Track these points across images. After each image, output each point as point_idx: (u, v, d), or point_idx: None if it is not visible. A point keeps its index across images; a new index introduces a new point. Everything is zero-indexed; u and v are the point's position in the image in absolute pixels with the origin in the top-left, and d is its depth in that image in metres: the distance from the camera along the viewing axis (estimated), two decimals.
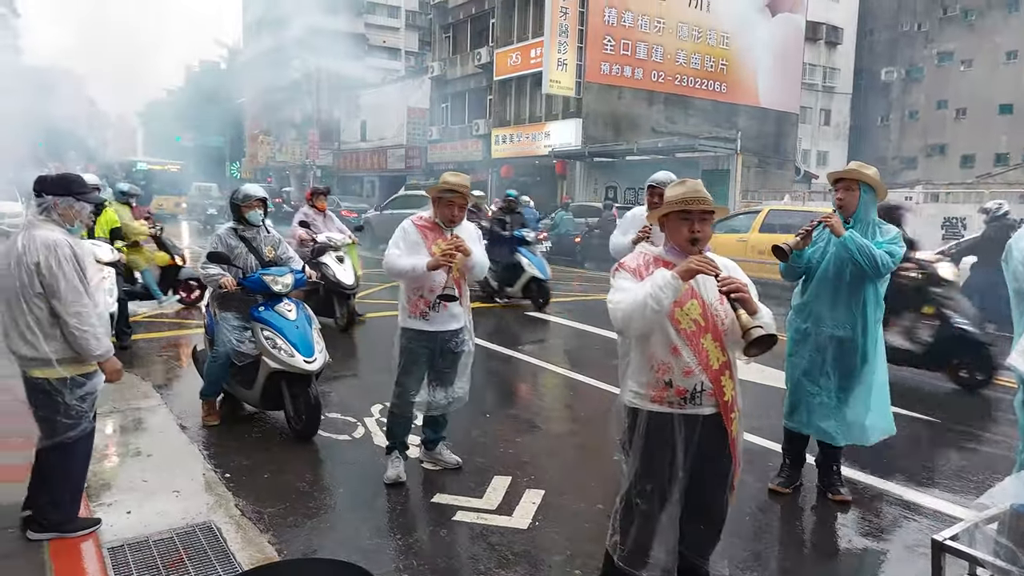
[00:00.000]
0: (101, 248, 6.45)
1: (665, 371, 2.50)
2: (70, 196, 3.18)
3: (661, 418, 2.52)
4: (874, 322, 3.89)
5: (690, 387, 2.50)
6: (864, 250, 3.70)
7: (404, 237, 3.99)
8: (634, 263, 2.58)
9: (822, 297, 3.93)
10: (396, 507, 3.91)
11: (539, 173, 27.80)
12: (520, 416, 5.55)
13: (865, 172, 3.85)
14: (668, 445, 2.50)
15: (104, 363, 3.24)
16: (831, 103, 39.63)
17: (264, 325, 4.71)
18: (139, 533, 3.40)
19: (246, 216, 4.92)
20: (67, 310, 3.07)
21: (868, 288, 3.85)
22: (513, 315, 10.16)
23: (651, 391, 2.53)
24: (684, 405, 2.51)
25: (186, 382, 6.01)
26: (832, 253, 3.87)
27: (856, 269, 3.77)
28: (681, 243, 2.52)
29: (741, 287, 2.39)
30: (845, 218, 3.88)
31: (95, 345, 3.14)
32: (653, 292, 2.36)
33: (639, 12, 26.68)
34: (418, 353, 4.03)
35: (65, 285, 3.07)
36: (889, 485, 4.33)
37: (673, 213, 2.51)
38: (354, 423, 5.14)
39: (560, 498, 3.99)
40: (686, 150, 21.82)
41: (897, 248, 3.77)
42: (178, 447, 4.54)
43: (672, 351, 2.49)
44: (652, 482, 2.52)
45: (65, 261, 3.08)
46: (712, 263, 2.42)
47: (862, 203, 3.84)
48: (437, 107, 33.65)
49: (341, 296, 8.22)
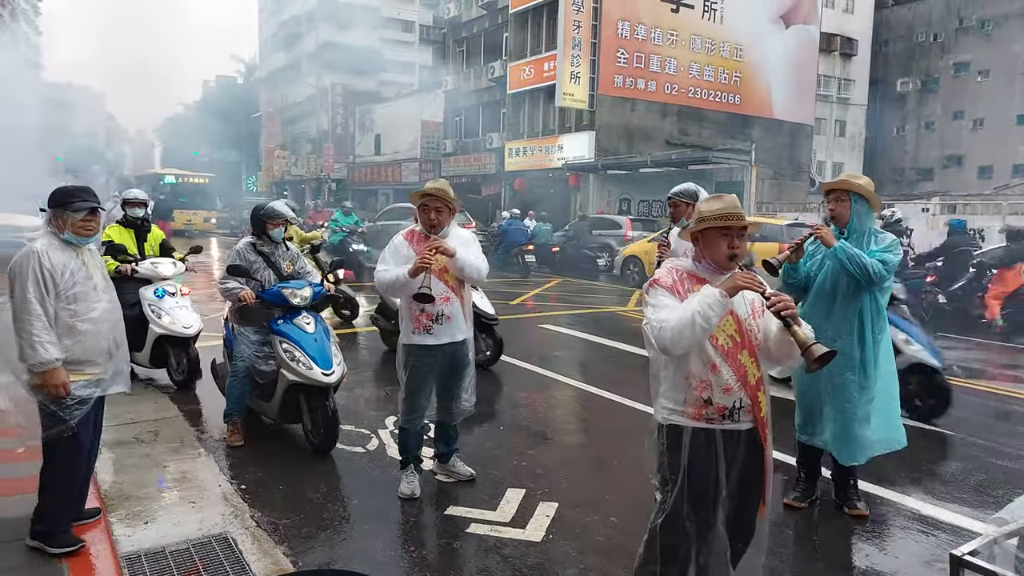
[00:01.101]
0: (162, 264, 6.29)
1: (704, 388, 2.47)
2: (59, 207, 3.25)
3: (705, 434, 2.49)
4: (874, 333, 3.83)
5: (729, 404, 2.48)
6: (855, 259, 3.69)
7: (394, 252, 4.01)
8: (669, 280, 2.52)
9: (818, 308, 3.92)
10: (410, 519, 3.91)
11: (552, 185, 27.86)
12: (533, 428, 5.54)
13: (855, 182, 3.84)
14: (712, 462, 2.48)
15: (44, 374, 3.15)
16: (846, 114, 39.45)
17: (283, 338, 4.75)
18: (156, 543, 3.43)
19: (269, 232, 4.96)
20: (13, 315, 3.13)
21: (864, 299, 3.81)
22: (524, 327, 10.16)
23: (689, 408, 2.49)
24: (723, 421, 2.49)
25: (204, 393, 6.06)
26: (828, 265, 3.87)
27: (851, 279, 3.76)
28: (720, 259, 2.49)
29: (790, 304, 2.38)
30: (840, 229, 3.88)
31: (30, 353, 3.11)
32: (701, 310, 2.33)
33: (652, 25, 26.77)
34: (424, 369, 4.04)
35: (19, 292, 3.12)
36: (906, 499, 4.28)
37: (711, 229, 2.48)
38: (368, 435, 5.16)
39: (574, 511, 3.98)
40: (700, 162, 21.81)
41: (891, 256, 3.73)
42: (195, 458, 4.57)
43: (711, 368, 2.47)
44: (699, 501, 2.48)
45: (29, 269, 3.13)
46: (758, 280, 2.41)
47: (854, 213, 3.83)
48: (451, 120, 33.87)
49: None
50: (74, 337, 3.23)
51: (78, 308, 3.24)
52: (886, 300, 3.91)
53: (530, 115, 28.93)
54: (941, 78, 39.15)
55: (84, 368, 3.28)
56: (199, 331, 6.19)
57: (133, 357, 6.20)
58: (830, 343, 3.81)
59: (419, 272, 3.73)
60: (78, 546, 3.31)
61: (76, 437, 3.30)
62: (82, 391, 3.28)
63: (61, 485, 3.32)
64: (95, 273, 3.37)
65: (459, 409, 4.23)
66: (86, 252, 3.37)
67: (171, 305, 6.12)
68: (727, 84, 28.96)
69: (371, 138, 40.55)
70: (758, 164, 21.95)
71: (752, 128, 29.25)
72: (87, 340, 3.27)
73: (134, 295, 6.02)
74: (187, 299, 6.33)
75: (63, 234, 3.27)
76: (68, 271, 3.23)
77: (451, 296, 4.00)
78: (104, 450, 4.62)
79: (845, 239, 3.83)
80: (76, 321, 3.24)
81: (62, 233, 3.27)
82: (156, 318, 6.01)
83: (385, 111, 40.01)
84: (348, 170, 41.75)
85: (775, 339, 2.49)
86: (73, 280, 3.24)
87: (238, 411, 4.97)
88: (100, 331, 3.33)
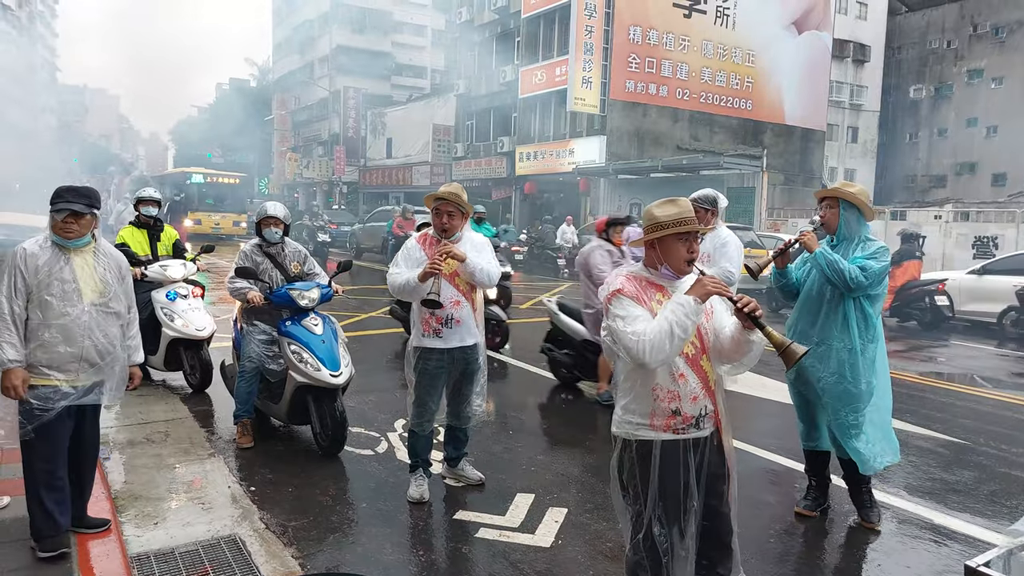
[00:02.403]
0: (171, 266, 6.21)
1: (672, 399, 2.44)
2: (50, 206, 3.22)
3: (674, 446, 2.46)
4: (862, 340, 3.77)
5: (697, 412, 2.46)
6: (833, 265, 3.67)
7: (406, 256, 4.02)
8: (632, 288, 2.44)
9: (804, 314, 3.92)
10: (419, 523, 3.91)
11: (563, 190, 27.86)
12: (543, 434, 5.53)
13: (847, 190, 3.83)
14: (681, 474, 2.45)
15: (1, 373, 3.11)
16: (858, 120, 39.25)
17: (291, 339, 4.77)
18: (165, 544, 3.44)
19: (263, 232, 4.99)
20: None
21: (849, 305, 3.76)
22: (534, 331, 10.15)
23: (657, 420, 2.45)
24: (689, 431, 2.47)
25: (214, 394, 6.08)
26: (815, 272, 3.86)
27: (835, 286, 3.73)
28: (679, 264, 2.47)
29: (757, 305, 2.36)
30: (831, 236, 3.87)
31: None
32: (679, 320, 2.30)
33: (664, 30, 26.75)
34: (434, 372, 4.03)
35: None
36: (919, 508, 4.24)
37: (669, 235, 2.44)
38: (377, 438, 5.17)
39: (583, 517, 3.97)
40: (711, 167, 21.76)
41: (873, 263, 3.68)
42: (204, 459, 4.59)
43: (679, 377, 2.44)
44: (670, 514, 2.45)
45: (6, 267, 3.11)
46: (724, 284, 2.41)
47: (843, 221, 3.82)
48: (462, 124, 33.95)
49: None
50: (37, 341, 3.14)
51: (45, 312, 3.14)
52: (877, 308, 3.85)
53: (541, 119, 28.95)
54: (955, 85, 38.88)
55: (49, 374, 3.17)
56: (212, 333, 6.20)
57: (148, 360, 6.24)
58: (815, 349, 3.80)
59: (429, 276, 3.73)
60: (59, 551, 3.21)
61: (46, 442, 3.19)
62: (44, 397, 3.16)
63: (32, 489, 3.23)
64: (83, 279, 3.23)
65: (469, 413, 4.23)
66: (81, 256, 3.25)
67: (184, 307, 6.10)
68: (739, 89, 28.89)
69: (383, 142, 40.70)
70: (769, 170, 21.89)
71: (764, 134, 29.17)
72: (53, 345, 3.16)
73: (146, 298, 6.04)
74: (200, 301, 6.32)
75: (57, 234, 3.20)
76: (44, 273, 3.14)
77: (462, 300, 4.00)
78: (115, 451, 4.66)
79: (834, 246, 3.83)
80: (41, 325, 3.14)
81: (57, 233, 3.20)
82: (169, 321, 6.01)
83: (397, 115, 40.14)
84: (359, 173, 41.92)
85: (731, 339, 2.46)
86: (48, 282, 3.15)
87: (247, 412, 4.98)
88: (71, 337, 3.19)
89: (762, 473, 4.81)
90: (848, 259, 3.72)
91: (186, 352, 6.16)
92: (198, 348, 6.12)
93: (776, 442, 5.39)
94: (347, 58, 47.70)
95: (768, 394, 6.75)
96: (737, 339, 2.44)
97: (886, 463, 3.90)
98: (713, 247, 4.95)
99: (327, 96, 45.06)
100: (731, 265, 4.89)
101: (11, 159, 18.72)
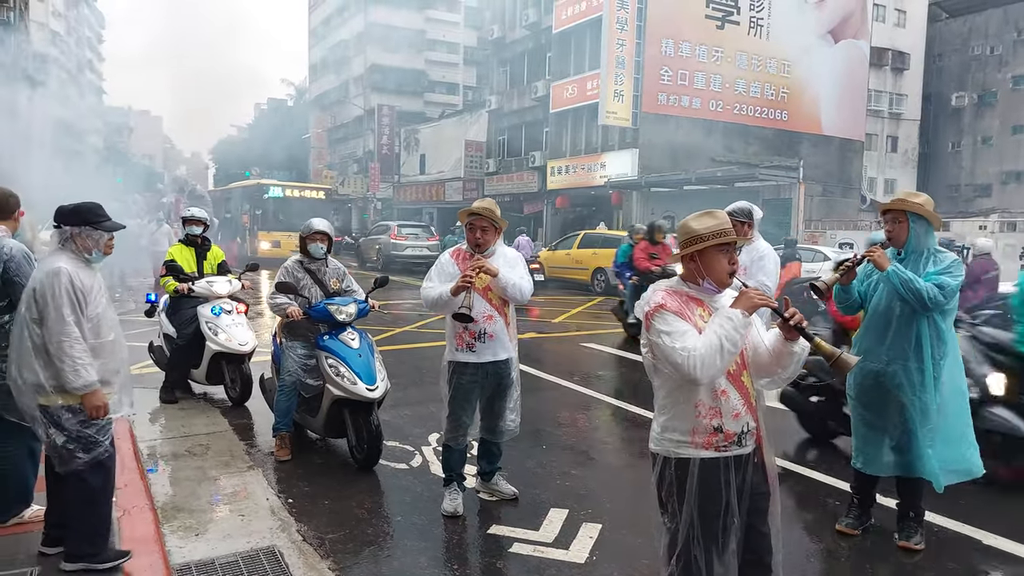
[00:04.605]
0: (217, 282, 6.36)
1: (714, 416, 2.40)
2: (87, 226, 3.19)
3: (715, 464, 2.42)
4: (933, 358, 3.65)
5: (739, 429, 2.43)
6: (908, 284, 3.53)
7: (439, 270, 4.06)
8: (675, 304, 2.40)
9: (871, 332, 3.80)
10: (453, 537, 3.92)
11: (595, 203, 27.83)
12: (576, 448, 5.50)
13: (913, 201, 3.68)
14: (722, 492, 2.41)
15: (84, 396, 3.13)
16: (898, 129, 38.51)
17: (328, 353, 4.84)
18: (206, 555, 3.51)
19: (308, 248, 5.09)
20: (49, 338, 3.06)
21: (922, 322, 3.64)
22: (567, 345, 10.13)
23: (698, 438, 2.41)
24: (731, 448, 2.43)
25: (253, 407, 6.20)
26: (882, 287, 3.74)
27: (906, 303, 3.61)
28: (720, 277, 2.43)
29: (803, 316, 2.34)
30: (898, 250, 3.75)
31: (72, 378, 3.07)
32: (728, 334, 2.27)
33: (696, 42, 26.65)
34: (468, 386, 4.05)
35: (53, 314, 3.05)
36: (968, 529, 4.11)
37: (709, 247, 2.41)
38: (412, 452, 5.20)
39: (618, 533, 3.94)
40: (746, 179, 21.53)
41: (949, 279, 3.55)
42: (244, 472, 4.68)
43: (720, 394, 2.40)
44: (709, 533, 2.41)
45: (59, 290, 3.06)
46: (770, 297, 2.39)
47: (913, 233, 3.68)
48: (494, 140, 34.19)
49: None
50: (98, 358, 3.19)
51: (101, 329, 3.22)
52: (949, 322, 3.71)
53: (573, 133, 29.01)
54: (999, 91, 37.94)
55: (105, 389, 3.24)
56: (254, 348, 6.33)
57: (191, 374, 6.39)
58: (883, 367, 3.71)
59: (461, 291, 3.76)
60: (128, 555, 3.35)
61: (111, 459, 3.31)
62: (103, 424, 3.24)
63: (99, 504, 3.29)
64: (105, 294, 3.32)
65: (503, 428, 4.24)
66: (98, 271, 3.33)
67: (227, 323, 6.25)
68: (774, 100, 28.60)
69: (416, 158, 41.17)
70: (806, 181, 21.58)
71: (800, 144, 28.79)
72: (107, 362, 3.24)
73: (192, 313, 6.22)
74: (243, 316, 6.48)
75: (90, 254, 3.22)
76: (93, 291, 3.20)
77: (494, 315, 4.02)
78: (161, 462, 4.78)
79: (902, 260, 3.70)
80: (97, 342, 3.20)
81: (89, 253, 3.22)
82: (213, 335, 6.16)
83: (430, 131, 40.61)
84: (393, 189, 42.44)
85: (771, 352, 2.43)
86: (97, 300, 3.22)
87: (286, 426, 5.06)
88: (115, 352, 3.29)
89: (800, 489, 4.72)
90: (920, 274, 3.60)
91: (228, 366, 6.30)
92: (240, 362, 6.26)
93: (813, 457, 5.28)
94: (381, 76, 48.51)
95: None
96: (778, 351, 2.41)
97: (964, 477, 3.76)
98: (750, 260, 4.89)
99: (362, 114, 45.81)
100: (768, 279, 4.82)
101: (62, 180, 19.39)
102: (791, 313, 2.32)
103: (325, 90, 55.95)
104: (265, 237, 23.26)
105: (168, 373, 6.34)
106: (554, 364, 8.62)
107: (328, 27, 56.09)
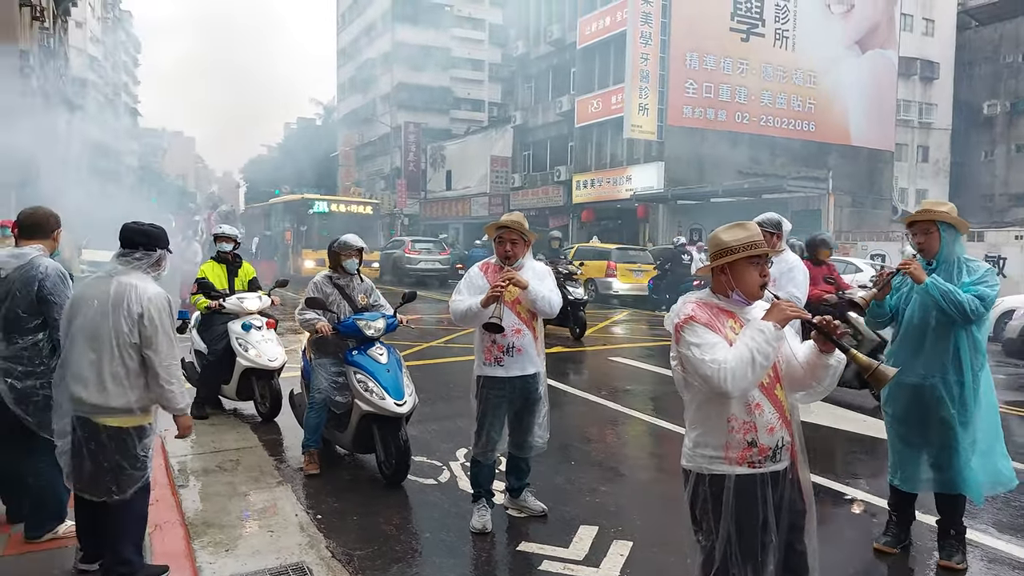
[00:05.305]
0: (247, 299, 6.45)
1: (748, 430, 2.36)
2: (166, 250, 3.30)
3: (750, 480, 2.37)
4: (972, 370, 3.57)
5: (773, 444, 2.37)
6: (949, 296, 3.46)
7: (468, 283, 4.07)
8: (705, 316, 2.37)
9: (906, 345, 3.72)
10: (482, 554, 3.89)
11: (620, 216, 27.76)
12: (605, 464, 5.45)
13: (938, 210, 3.63)
14: (759, 509, 2.36)
15: (180, 417, 3.23)
16: (928, 139, 37.87)
17: (357, 368, 4.86)
18: (236, 571, 3.52)
19: (343, 263, 5.14)
20: (161, 362, 3.09)
21: (959, 333, 3.56)
22: (594, 359, 10.06)
23: (732, 453, 2.37)
24: (766, 464, 2.38)
25: (282, 423, 6.24)
26: (916, 298, 3.66)
27: (942, 313, 3.53)
28: (752, 289, 2.41)
29: (839, 326, 2.29)
30: (928, 261, 3.67)
31: (180, 399, 3.15)
32: (759, 347, 2.23)
33: (721, 55, 26.56)
34: (496, 401, 4.04)
35: (164, 339, 3.10)
36: (1009, 546, 3.97)
37: (740, 259, 2.39)
38: (440, 467, 5.19)
39: (649, 551, 3.87)
40: (774, 191, 21.31)
41: (987, 289, 3.48)
42: (273, 487, 4.70)
43: (754, 408, 2.36)
44: (745, 552, 2.35)
45: (166, 315, 3.13)
46: (802, 309, 2.35)
47: (944, 243, 3.62)
48: (519, 155, 34.34)
49: None
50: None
51: None
52: (984, 333, 3.64)
53: (598, 147, 29.03)
54: None
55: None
56: (283, 364, 6.39)
57: (221, 389, 6.46)
58: (920, 381, 3.63)
59: (491, 302, 3.76)
60: (167, 569, 3.39)
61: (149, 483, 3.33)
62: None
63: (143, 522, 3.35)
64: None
65: (531, 444, 4.21)
66: None
67: (257, 338, 6.31)
68: (801, 111, 28.34)
69: (442, 174, 41.48)
70: (836, 192, 21.28)
71: (828, 155, 28.45)
72: None
73: (223, 329, 6.30)
74: (272, 332, 6.55)
75: (158, 276, 3.29)
76: None
77: (523, 328, 4.01)
78: (191, 478, 4.83)
79: (934, 270, 3.63)
80: None
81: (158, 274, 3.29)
82: (243, 351, 6.22)
83: (456, 148, 40.93)
84: (420, 206, 42.77)
85: (805, 365, 2.39)
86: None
87: (315, 443, 5.08)
88: None
89: (837, 506, 4.61)
90: (954, 284, 3.53)
91: (258, 382, 6.36)
92: (269, 378, 6.31)
93: (849, 472, 5.16)
94: (408, 94, 49.08)
95: (838, 423, 6.48)
96: (812, 364, 2.37)
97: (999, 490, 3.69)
98: (779, 272, 4.83)
99: (389, 131, 46.35)
100: (798, 290, 4.75)
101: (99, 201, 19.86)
102: (826, 322, 2.28)
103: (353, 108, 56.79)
104: (310, 255, 22.15)
105: (199, 389, 6.41)
106: (582, 378, 8.57)
107: (356, 47, 57.01)
